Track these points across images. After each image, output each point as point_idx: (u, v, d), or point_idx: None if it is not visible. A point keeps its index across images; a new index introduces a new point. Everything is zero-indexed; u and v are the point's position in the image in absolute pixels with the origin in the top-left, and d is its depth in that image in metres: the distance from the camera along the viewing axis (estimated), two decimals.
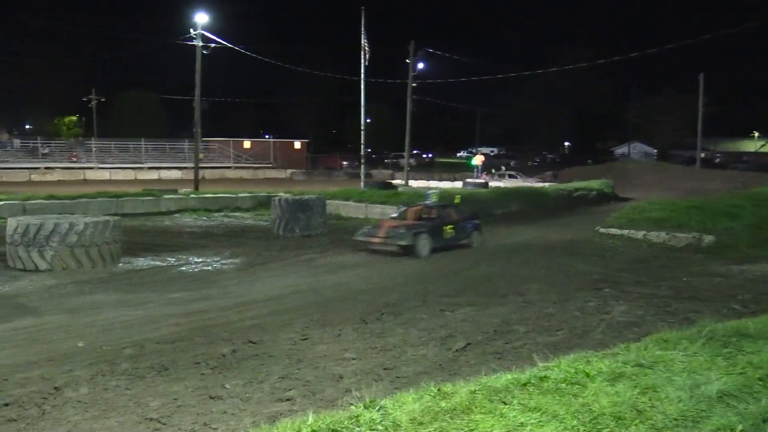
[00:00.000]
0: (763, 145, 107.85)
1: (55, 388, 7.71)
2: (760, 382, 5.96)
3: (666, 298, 13.07)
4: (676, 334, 7.86)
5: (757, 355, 6.77)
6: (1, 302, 12.84)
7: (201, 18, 39.66)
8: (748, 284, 14.69)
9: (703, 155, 76.81)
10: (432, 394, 5.81)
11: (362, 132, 44.10)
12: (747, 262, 17.84)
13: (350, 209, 29.90)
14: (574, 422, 5.11)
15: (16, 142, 65.35)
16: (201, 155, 46.91)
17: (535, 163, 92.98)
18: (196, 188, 37.71)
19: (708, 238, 20.77)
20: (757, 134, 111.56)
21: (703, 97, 66.00)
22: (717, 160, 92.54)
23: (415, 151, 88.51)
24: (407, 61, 48.51)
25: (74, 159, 62.27)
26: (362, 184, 42.79)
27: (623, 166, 63.29)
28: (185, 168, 60.69)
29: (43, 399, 7.36)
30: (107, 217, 17.65)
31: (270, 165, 74.65)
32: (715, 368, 6.42)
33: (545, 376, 6.19)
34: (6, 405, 7.17)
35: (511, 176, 57.41)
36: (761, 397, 5.65)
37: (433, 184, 51.03)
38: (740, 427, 5.00)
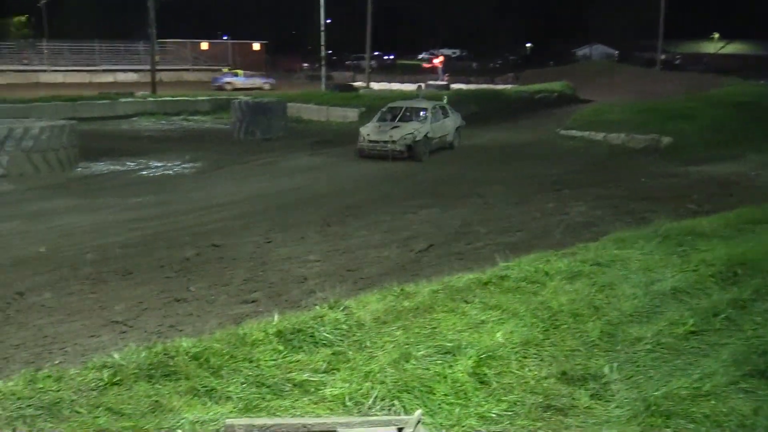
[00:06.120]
0: (722, 47, 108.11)
1: (19, 293, 7.69)
2: (712, 279, 6.17)
3: (623, 198, 13.29)
4: (633, 233, 8.05)
5: (710, 253, 6.98)
6: None
7: None
8: (704, 185, 14.98)
9: (663, 57, 76.80)
10: (395, 294, 5.92)
11: (322, 33, 43.15)
12: (703, 163, 18.14)
13: (311, 112, 29.56)
14: (534, 319, 5.27)
15: None
16: (157, 57, 45.68)
17: (497, 65, 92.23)
18: (154, 91, 36.82)
19: (666, 140, 21.02)
20: (717, 35, 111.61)
21: None
22: (677, 62, 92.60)
23: (376, 53, 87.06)
24: None
25: (25, 61, 60.16)
26: (323, 86, 42.16)
27: (584, 67, 62.92)
28: (141, 71, 58.95)
29: (6, 304, 7.35)
30: (63, 122, 17.26)
31: (228, 67, 73.07)
32: (670, 266, 6.61)
33: (506, 276, 6.33)
34: None
35: None
36: (712, 293, 5.86)
37: (396, 86, 50.52)
38: (691, 321, 5.20)
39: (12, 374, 4.54)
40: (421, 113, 19.78)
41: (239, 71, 53.63)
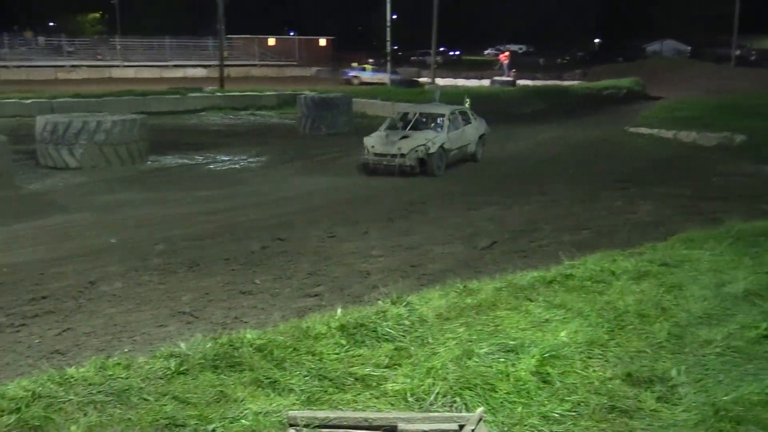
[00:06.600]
0: None
1: (90, 282, 7.92)
2: None
3: (693, 197, 12.99)
4: (703, 233, 7.86)
5: None
6: (33, 199, 13.07)
7: None
8: None
9: (738, 52, 74.44)
10: (458, 290, 5.90)
11: (388, 29, 43.26)
12: None
13: (376, 108, 29.61)
14: (599, 319, 5.19)
15: (41, 39, 64.64)
16: (225, 53, 46.36)
17: (565, 61, 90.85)
18: (222, 86, 37.39)
19: (739, 138, 20.42)
20: None
21: None
22: (752, 58, 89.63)
23: (441, 49, 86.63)
24: None
25: (99, 57, 61.77)
26: (388, 82, 42.22)
27: (655, 63, 61.53)
28: (210, 66, 59.96)
29: (78, 293, 7.57)
30: (134, 116, 17.66)
31: (295, 63, 73.66)
32: (742, 268, 6.43)
33: (570, 274, 6.25)
34: (44, 298, 7.40)
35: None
36: None
37: (461, 82, 50.23)
38: (764, 324, 5.05)
39: (83, 361, 4.66)
40: (438, 120, 16.78)
41: (367, 66, 54.22)
